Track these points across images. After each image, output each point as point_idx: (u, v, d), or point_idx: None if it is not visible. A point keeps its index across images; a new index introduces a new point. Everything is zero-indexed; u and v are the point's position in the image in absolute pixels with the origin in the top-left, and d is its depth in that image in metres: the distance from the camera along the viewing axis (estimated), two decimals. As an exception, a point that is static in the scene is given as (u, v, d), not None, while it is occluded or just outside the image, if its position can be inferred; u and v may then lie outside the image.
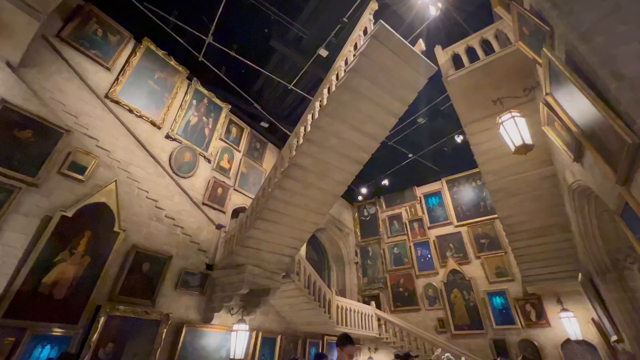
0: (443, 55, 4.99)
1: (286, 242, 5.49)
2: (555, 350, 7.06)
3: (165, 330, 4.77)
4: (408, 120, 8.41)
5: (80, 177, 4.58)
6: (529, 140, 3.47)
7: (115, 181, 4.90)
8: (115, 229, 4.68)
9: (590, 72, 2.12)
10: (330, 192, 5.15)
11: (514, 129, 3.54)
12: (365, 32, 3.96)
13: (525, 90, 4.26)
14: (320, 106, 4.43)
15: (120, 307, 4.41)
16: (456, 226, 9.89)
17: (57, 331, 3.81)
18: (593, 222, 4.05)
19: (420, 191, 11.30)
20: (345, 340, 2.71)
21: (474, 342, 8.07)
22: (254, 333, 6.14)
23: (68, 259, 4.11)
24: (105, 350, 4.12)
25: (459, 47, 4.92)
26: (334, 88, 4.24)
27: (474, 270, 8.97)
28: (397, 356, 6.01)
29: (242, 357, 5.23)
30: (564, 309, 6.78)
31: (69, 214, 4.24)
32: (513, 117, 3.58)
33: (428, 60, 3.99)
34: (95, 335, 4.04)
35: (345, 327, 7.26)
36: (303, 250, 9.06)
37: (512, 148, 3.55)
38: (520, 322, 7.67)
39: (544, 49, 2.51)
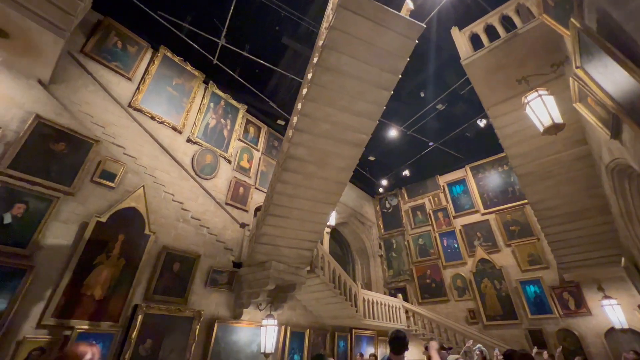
0: (460, 37, 4.78)
1: (301, 236, 5.43)
2: (598, 339, 6.68)
3: (198, 326, 4.97)
4: (427, 107, 8.17)
5: (111, 184, 4.82)
6: (558, 119, 3.26)
7: (143, 186, 5.12)
8: (146, 231, 4.91)
9: (626, 40, 1.94)
10: (334, 180, 4.98)
11: (541, 109, 3.34)
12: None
13: (553, 66, 4.00)
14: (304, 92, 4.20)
15: (155, 305, 4.64)
16: (483, 214, 9.55)
17: (101, 329, 4.06)
18: (636, 202, 3.76)
19: (443, 180, 10.99)
20: (402, 345, 2.44)
21: (508, 333, 7.80)
22: (283, 328, 6.27)
23: (105, 261, 4.36)
24: (145, 346, 4.36)
25: (478, 27, 4.69)
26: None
27: (505, 258, 8.64)
28: (427, 348, 5.92)
29: (272, 352, 5.36)
30: (606, 296, 6.39)
31: (103, 219, 4.49)
32: (540, 95, 3.38)
33: (413, 20, 3.59)
34: (135, 333, 4.28)
35: (373, 320, 7.24)
36: (326, 244, 9.10)
37: (541, 129, 3.35)
38: (557, 311, 7.32)
39: (572, 19, 2.33)
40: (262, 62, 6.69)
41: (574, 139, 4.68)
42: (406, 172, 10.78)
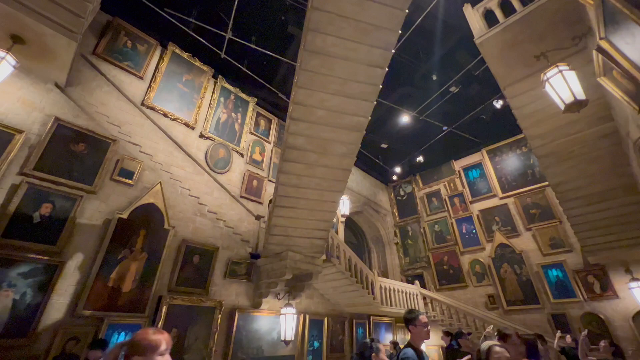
0: (473, 14, 4.57)
1: (311, 226, 5.43)
2: (625, 323, 6.49)
3: (219, 315, 5.14)
4: (439, 90, 7.93)
5: (129, 181, 4.98)
6: (581, 95, 3.10)
7: (160, 182, 5.26)
8: (165, 226, 5.06)
9: (656, 5, 1.80)
10: (337, 167, 4.90)
11: (562, 85, 3.18)
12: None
13: (575, 39, 3.78)
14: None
15: (178, 296, 4.82)
16: (501, 198, 9.31)
17: (128, 320, 4.27)
18: (667, 180, 3.56)
19: (458, 165, 10.75)
20: (413, 317, 2.33)
21: (530, 318, 7.68)
22: (302, 316, 6.40)
23: (129, 256, 4.55)
24: (171, 335, 4.54)
25: (492, 2, 4.47)
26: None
27: (525, 243, 8.44)
28: (447, 333, 5.92)
29: (292, 339, 5.49)
30: (635, 279, 6.16)
31: (125, 215, 4.66)
32: (560, 71, 3.21)
33: None
34: (160, 323, 4.47)
35: (390, 307, 7.28)
36: (341, 234, 9.14)
37: (562, 107, 3.20)
38: (581, 294, 7.13)
39: (595, -14, 2.18)
40: (269, 53, 6.65)
41: (598, 115, 4.45)
42: (420, 159, 10.59)
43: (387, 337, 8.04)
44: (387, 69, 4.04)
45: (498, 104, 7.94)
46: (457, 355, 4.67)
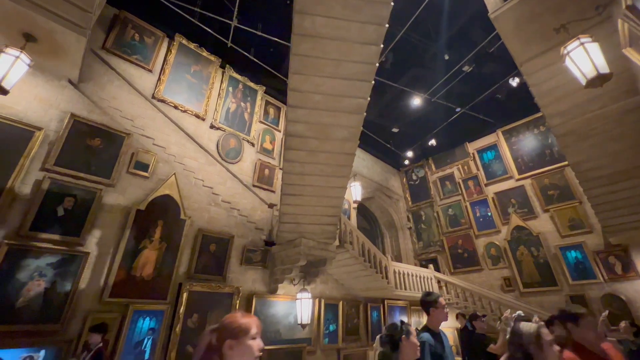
0: (487, -14, 4.33)
1: (320, 212, 5.43)
2: (648, 303, 6.33)
3: (237, 301, 5.31)
4: (452, 71, 7.66)
5: (145, 174, 5.10)
6: (604, 68, 2.93)
7: (174, 174, 5.37)
8: (182, 216, 5.20)
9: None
10: (340, 152, 4.82)
11: (584, 59, 3.01)
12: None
13: (598, 8, 3.54)
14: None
15: (197, 283, 4.99)
16: (517, 179, 9.08)
17: (152, 306, 4.47)
18: (697, 155, 3.37)
19: (472, 147, 10.49)
20: (434, 300, 2.29)
21: (547, 300, 7.60)
22: (317, 300, 6.54)
23: (149, 245, 4.71)
24: (192, 320, 4.76)
25: (507, -28, 4.21)
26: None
27: (542, 224, 8.26)
28: (461, 315, 5.95)
29: (309, 322, 5.64)
30: (659, 259, 5.96)
31: (142, 207, 4.80)
32: (582, 44, 3.04)
33: None
34: (182, 308, 4.66)
35: (405, 291, 7.33)
36: (354, 220, 9.17)
37: (583, 81, 3.04)
38: (602, 275, 6.98)
39: (621, -52, 2.02)
40: (276, 39, 6.54)
41: (623, 89, 4.21)
42: (432, 142, 10.37)
43: (404, 320, 8.13)
44: (381, 45, 3.84)
45: (514, 82, 7.63)
46: (472, 337, 4.70)
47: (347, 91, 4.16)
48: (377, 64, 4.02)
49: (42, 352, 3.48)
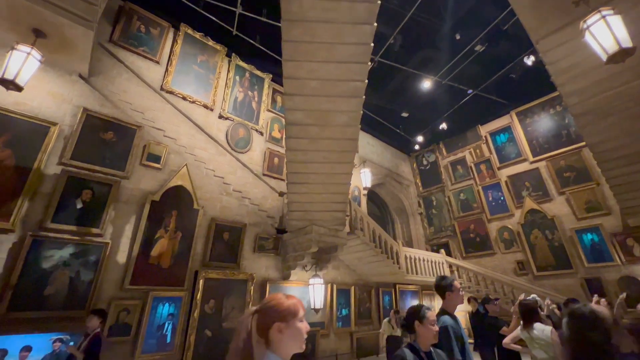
0: (502, -41, 4.10)
1: (327, 199, 5.43)
2: (668, 285, 6.20)
3: (252, 287, 5.46)
4: (463, 51, 7.40)
5: (157, 165, 5.19)
6: (627, 42, 2.78)
7: (186, 165, 5.45)
8: (195, 206, 5.31)
9: None
10: (341, 138, 4.75)
11: (605, 33, 2.86)
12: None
13: (621, -23, 3.32)
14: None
15: (213, 271, 5.14)
16: (532, 162, 8.87)
17: (170, 293, 4.64)
18: None
19: (485, 130, 10.24)
20: (449, 283, 2.24)
21: (561, 283, 7.54)
22: (329, 286, 6.66)
23: (165, 235, 4.85)
24: (209, 306, 4.93)
25: (523, -57, 3.98)
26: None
27: (558, 207, 8.10)
28: (473, 299, 5.96)
29: (322, 307, 5.77)
30: (680, 240, 5.78)
31: (157, 198, 4.92)
32: (604, 17, 2.88)
33: None
34: (199, 295, 4.83)
35: (416, 276, 7.38)
36: (364, 206, 9.18)
37: (604, 57, 2.90)
38: (619, 258, 6.85)
39: None
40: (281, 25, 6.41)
41: (647, 64, 3.99)
42: (443, 126, 10.16)
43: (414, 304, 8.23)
44: (375, 24, 3.68)
45: (529, 61, 7.33)
46: (484, 320, 4.72)
47: (343, 75, 4.06)
48: (372, 44, 3.86)
49: (71, 336, 3.69)
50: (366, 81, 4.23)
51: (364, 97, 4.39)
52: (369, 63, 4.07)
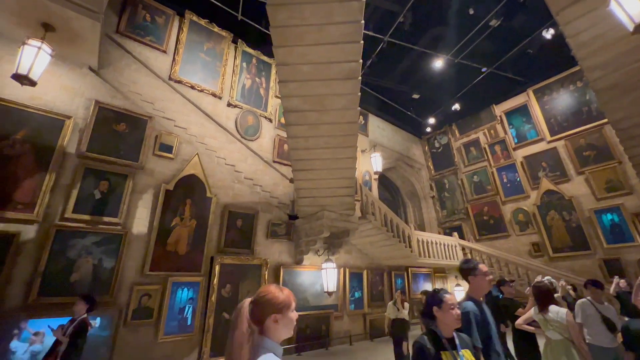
0: None
1: (334, 184, 5.42)
2: (692, 265, 6.01)
3: (266, 272, 5.59)
4: (477, 27, 7.07)
5: (170, 155, 5.28)
6: (657, 9, 2.59)
7: (197, 154, 5.52)
8: (208, 194, 5.41)
9: None
10: (342, 121, 4.66)
11: (631, 0, 2.66)
12: None
13: (652, -63, 3.05)
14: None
15: (228, 257, 5.28)
16: (549, 141, 8.57)
17: (188, 278, 4.81)
18: None
19: (499, 109, 9.90)
20: (472, 267, 2.04)
21: (578, 264, 7.41)
22: (342, 269, 6.76)
23: (180, 223, 4.98)
24: (225, 290, 5.10)
25: None
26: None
27: (576, 187, 7.86)
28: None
29: (334, 290, 5.88)
30: None
31: (171, 187, 5.03)
32: (631, -19, 2.67)
33: None
34: (215, 280, 4.99)
35: (428, 259, 7.39)
36: (375, 191, 9.15)
37: (630, 27, 2.71)
38: (640, 238, 6.65)
39: None
40: (267, 10, 6.26)
41: (678, 32, 3.72)
42: (456, 107, 9.87)
43: (425, 287, 8.29)
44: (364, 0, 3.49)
45: (548, 34, 6.96)
46: (498, 302, 4.71)
47: (335, 56, 3.92)
48: (363, 21, 3.68)
49: (98, 319, 3.91)
50: (360, 61, 4.07)
51: (360, 78, 4.27)
52: (361, 42, 3.87)
